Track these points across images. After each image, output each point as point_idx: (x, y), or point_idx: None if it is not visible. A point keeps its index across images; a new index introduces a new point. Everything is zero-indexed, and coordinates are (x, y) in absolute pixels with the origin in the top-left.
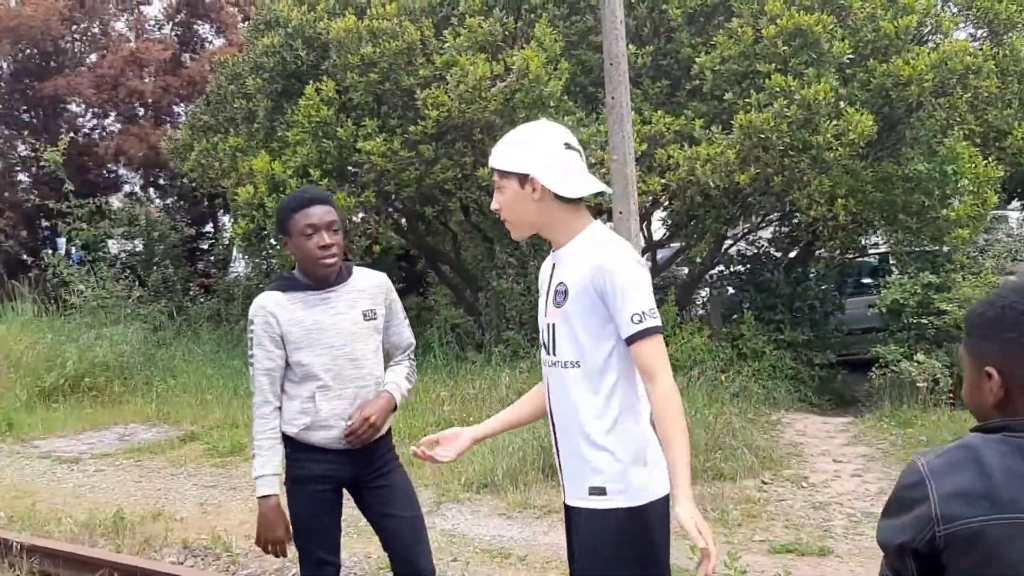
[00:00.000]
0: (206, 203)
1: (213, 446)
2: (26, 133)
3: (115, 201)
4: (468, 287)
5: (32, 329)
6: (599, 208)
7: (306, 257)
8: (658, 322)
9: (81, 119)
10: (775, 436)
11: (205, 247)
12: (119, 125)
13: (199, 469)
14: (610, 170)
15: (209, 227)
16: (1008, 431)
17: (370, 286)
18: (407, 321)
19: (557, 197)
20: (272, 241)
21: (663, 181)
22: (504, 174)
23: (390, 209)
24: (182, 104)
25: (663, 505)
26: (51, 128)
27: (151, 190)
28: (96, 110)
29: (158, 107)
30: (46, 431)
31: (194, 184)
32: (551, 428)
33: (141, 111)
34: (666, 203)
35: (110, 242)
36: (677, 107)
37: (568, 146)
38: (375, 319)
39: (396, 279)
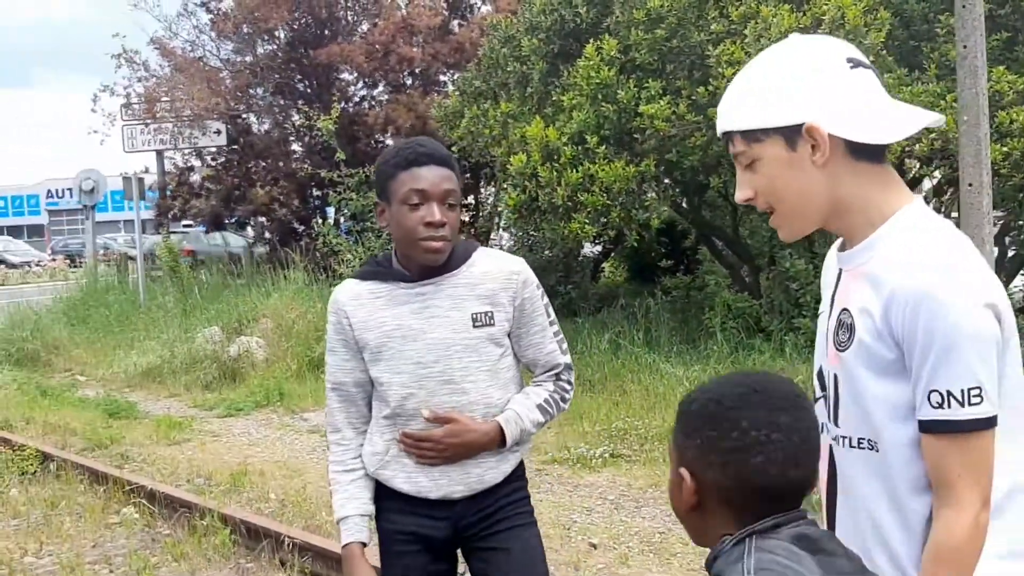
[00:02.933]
0: (468, 175)
1: None
2: (300, 102)
3: None
4: (747, 266)
5: (302, 298)
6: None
7: (406, 234)
8: (979, 411)
9: (352, 88)
10: None
11: (466, 219)
12: (387, 94)
13: None
14: (959, 132)
15: (470, 199)
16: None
17: (491, 279)
18: (557, 330)
19: (854, 151)
20: (545, 212)
21: (1004, 149)
22: (754, 137)
23: (667, 180)
24: (449, 72)
25: None
26: (323, 97)
27: None
28: (366, 79)
29: (426, 75)
30: (315, 403)
31: (462, 154)
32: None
33: (409, 80)
34: (1007, 173)
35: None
36: (1019, 64)
37: (854, 62)
38: (492, 326)
39: (657, 255)
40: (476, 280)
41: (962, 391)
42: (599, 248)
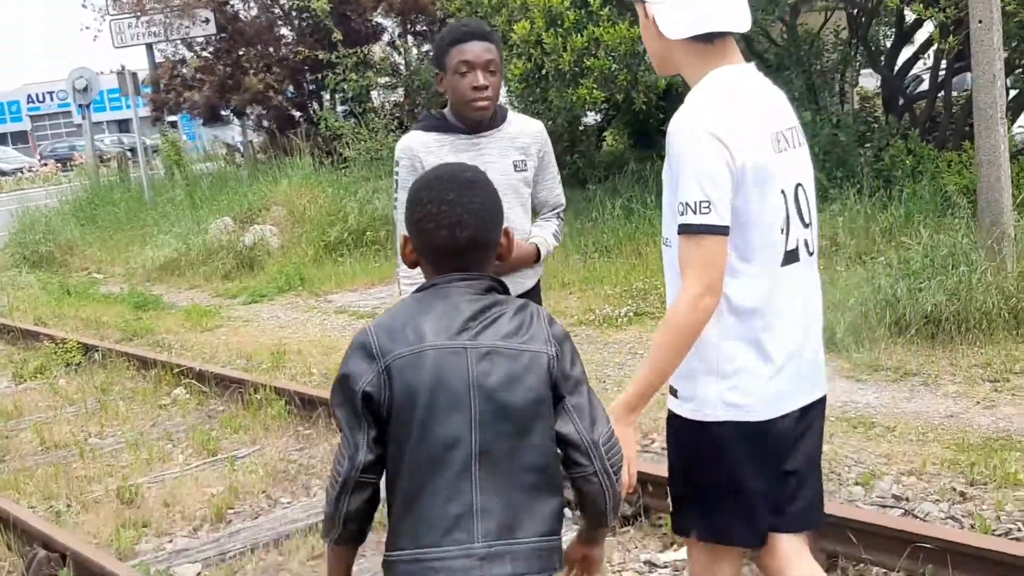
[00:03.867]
0: None
1: None
2: None
3: (376, 50)
4: None
5: (311, 184)
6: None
7: (458, 97)
8: (704, 219)
9: None
10: None
11: None
12: None
13: None
14: None
15: None
16: (435, 286)
17: (524, 134)
18: (559, 178)
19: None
20: (551, 79)
21: None
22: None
23: None
24: None
25: (752, 431)
26: None
27: (409, 38)
28: None
29: None
30: (337, 285)
31: None
32: None
33: None
34: (1013, 10)
35: (372, 93)
36: None
37: None
38: (526, 171)
39: (656, 120)
40: (514, 135)
41: (696, 202)
42: (600, 116)
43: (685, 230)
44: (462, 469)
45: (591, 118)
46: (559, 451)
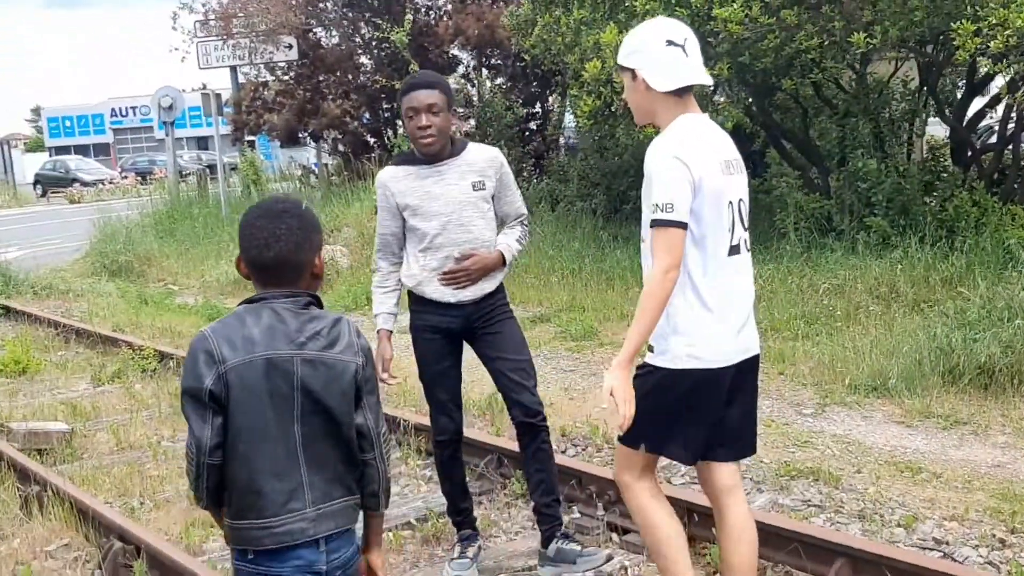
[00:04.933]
0: (535, 84)
1: (564, 329)
2: (367, 15)
3: (450, 83)
4: (816, 167)
5: None
6: None
7: (409, 136)
8: (669, 216)
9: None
10: None
11: (533, 127)
12: (452, 4)
13: (555, 352)
14: None
15: (537, 108)
16: (264, 300)
17: (481, 159)
18: (519, 193)
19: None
20: (619, 117)
21: None
22: (622, 69)
23: (739, 84)
24: None
25: (705, 377)
26: (392, 9)
27: (483, 71)
28: None
29: None
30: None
31: (534, 62)
32: None
33: None
34: None
35: None
36: None
37: (670, 42)
38: (484, 189)
39: None
40: (471, 161)
41: (663, 203)
42: None
43: (655, 224)
44: (290, 454)
45: None
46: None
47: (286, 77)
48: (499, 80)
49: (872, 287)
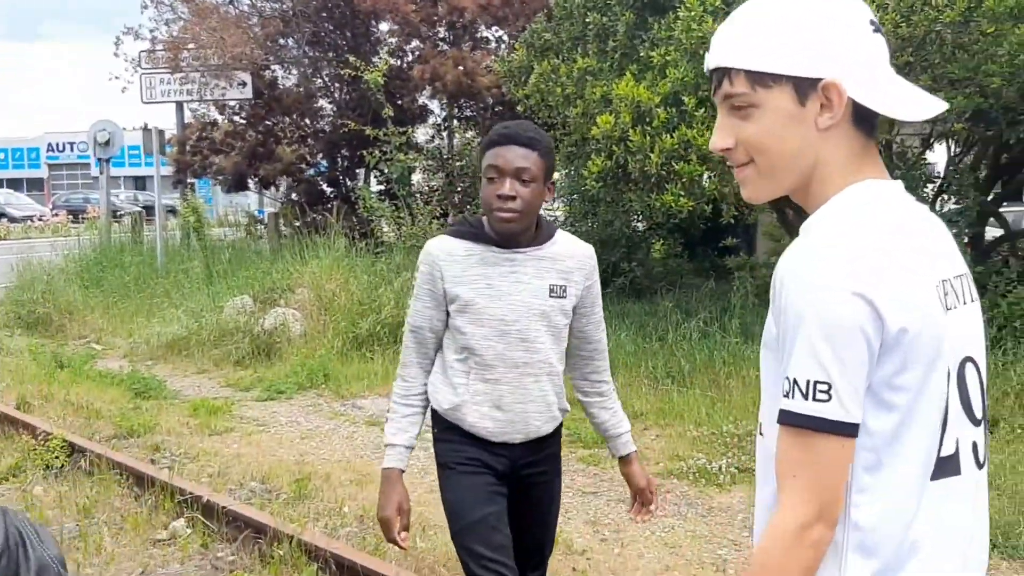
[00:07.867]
0: None
1: (573, 432)
2: (331, 55)
3: (419, 133)
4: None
5: (343, 267)
6: None
7: (484, 204)
8: (818, 411)
9: (393, 39)
10: None
11: None
12: (430, 47)
13: (566, 463)
14: None
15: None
16: None
17: (570, 257)
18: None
19: (858, 120)
20: (633, 181)
21: None
22: (763, 82)
23: None
24: (494, 28)
25: None
26: (361, 49)
27: (454, 122)
28: (410, 29)
29: (474, 29)
30: (367, 388)
31: (528, 114)
32: None
33: (452, 34)
34: None
35: (411, 176)
36: None
37: (875, 26)
38: (564, 298)
39: (697, 231)
40: (557, 256)
41: (808, 382)
42: (642, 224)
43: (789, 419)
44: None
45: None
46: None
47: (237, 117)
48: (470, 133)
49: None
